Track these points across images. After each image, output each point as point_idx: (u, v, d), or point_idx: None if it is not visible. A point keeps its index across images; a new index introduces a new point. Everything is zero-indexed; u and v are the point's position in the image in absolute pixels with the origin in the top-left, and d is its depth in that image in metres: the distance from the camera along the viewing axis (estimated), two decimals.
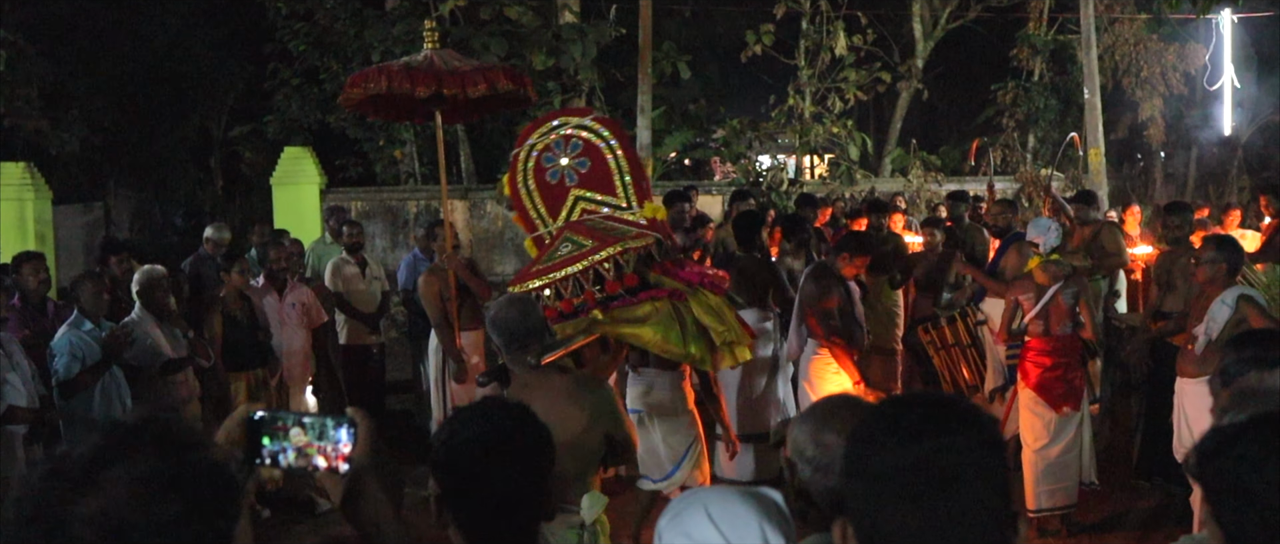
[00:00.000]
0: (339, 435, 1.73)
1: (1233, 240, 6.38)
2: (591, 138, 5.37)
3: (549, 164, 5.45)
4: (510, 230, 16.16)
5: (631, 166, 5.38)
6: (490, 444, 2.19)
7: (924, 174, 16.79)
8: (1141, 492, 7.17)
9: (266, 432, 1.72)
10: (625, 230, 5.21)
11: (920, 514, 1.45)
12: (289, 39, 17.13)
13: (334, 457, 1.73)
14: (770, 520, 2.05)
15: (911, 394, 1.56)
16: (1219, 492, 1.47)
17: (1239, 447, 1.45)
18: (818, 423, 2.26)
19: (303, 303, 7.99)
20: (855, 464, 1.53)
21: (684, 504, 2.10)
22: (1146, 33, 19.60)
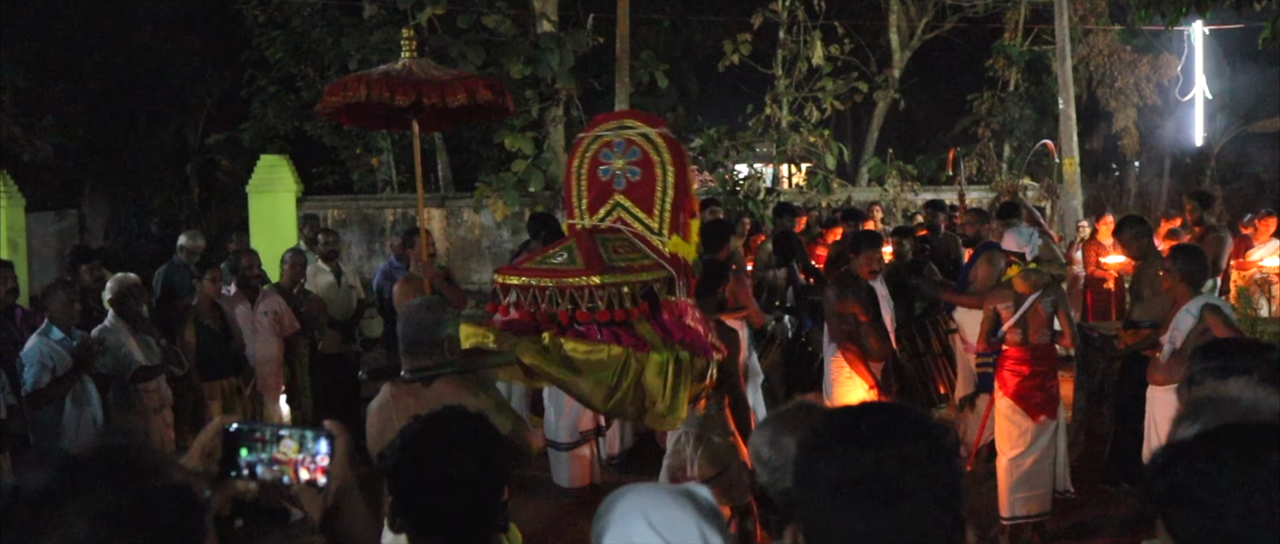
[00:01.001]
0: (318, 448, 1.72)
1: (1198, 249, 6.44)
2: (650, 152, 5.18)
3: (605, 160, 5.27)
4: (487, 239, 16.15)
5: (676, 194, 5.16)
6: (443, 452, 2.20)
7: (900, 183, 16.87)
8: (1113, 499, 7.21)
9: (244, 443, 1.70)
10: (636, 260, 5.04)
11: (868, 521, 1.46)
12: (266, 47, 17.07)
13: (313, 469, 1.72)
14: (706, 519, 2.06)
15: (864, 403, 1.58)
16: (1172, 503, 1.49)
17: (1190, 459, 1.47)
18: (776, 428, 2.28)
19: (275, 311, 7.95)
20: (806, 471, 1.54)
21: (620, 510, 2.08)
22: (1120, 44, 19.77)
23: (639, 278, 4.89)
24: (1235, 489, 1.41)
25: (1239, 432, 1.48)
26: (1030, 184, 17.22)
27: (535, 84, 15.84)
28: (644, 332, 4.80)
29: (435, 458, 2.20)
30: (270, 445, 1.71)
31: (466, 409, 2.33)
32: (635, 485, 2.18)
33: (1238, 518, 1.40)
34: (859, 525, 1.46)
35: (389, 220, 16.04)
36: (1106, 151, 22.33)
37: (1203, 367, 2.65)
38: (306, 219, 12.33)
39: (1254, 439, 1.45)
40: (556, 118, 16.62)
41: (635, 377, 4.69)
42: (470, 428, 2.27)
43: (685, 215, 5.23)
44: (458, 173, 18.17)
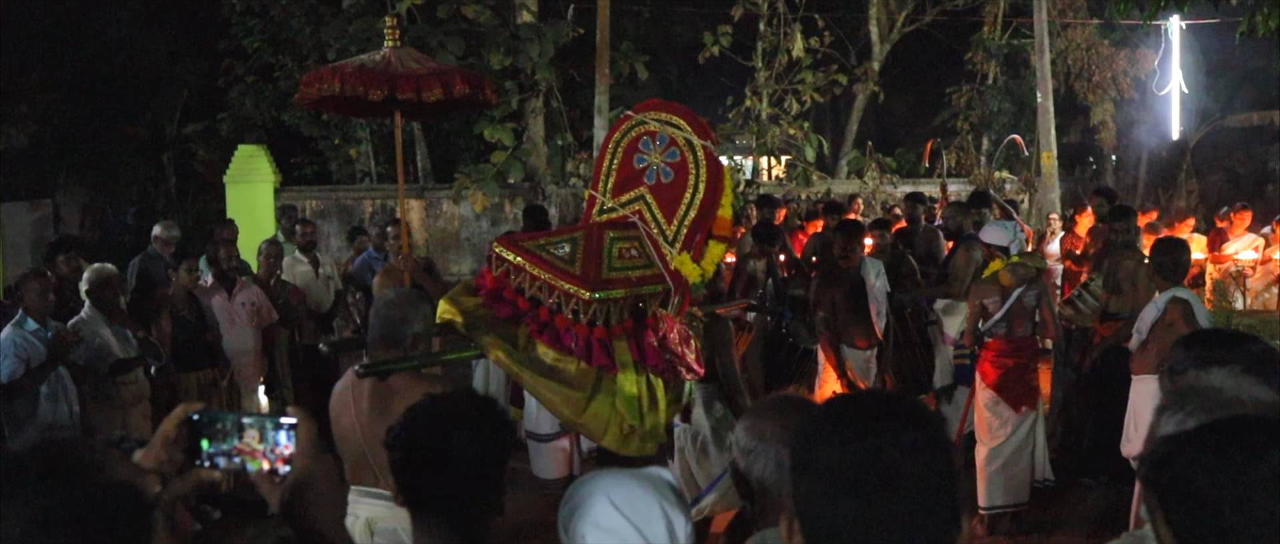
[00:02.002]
0: (278, 437, 1.70)
1: (1176, 243, 6.48)
2: (689, 160, 5.03)
3: (644, 149, 5.13)
4: (466, 230, 16.11)
5: (700, 213, 5.00)
6: (445, 431, 2.22)
7: (880, 176, 16.93)
8: (1090, 490, 7.26)
9: (206, 433, 1.68)
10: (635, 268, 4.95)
11: (864, 510, 1.46)
12: (244, 36, 16.98)
13: (274, 459, 1.71)
14: (668, 500, 2.12)
15: (860, 392, 1.58)
16: (1171, 495, 1.49)
17: (1191, 451, 1.47)
18: (756, 415, 2.30)
19: (252, 302, 7.90)
20: (802, 459, 1.54)
21: (584, 494, 2.14)
22: (1098, 38, 19.88)
23: (632, 292, 4.81)
24: (1236, 485, 1.41)
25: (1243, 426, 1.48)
26: (1008, 177, 17.31)
27: (515, 75, 15.81)
28: (619, 350, 4.71)
29: (438, 436, 2.22)
30: (232, 435, 1.69)
31: (474, 391, 2.37)
32: (599, 470, 2.22)
33: (1236, 513, 1.40)
34: (856, 514, 1.46)
35: (368, 211, 15.99)
36: (1084, 145, 22.45)
37: (1184, 357, 2.65)
38: (284, 210, 12.27)
39: (1257, 435, 1.45)
40: (536, 109, 16.59)
41: (610, 397, 4.63)
42: (475, 409, 2.30)
43: (702, 236, 5.08)
44: (437, 164, 18.12)
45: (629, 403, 4.64)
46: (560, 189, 16.00)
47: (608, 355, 4.63)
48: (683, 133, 5.08)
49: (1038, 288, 6.67)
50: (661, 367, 4.78)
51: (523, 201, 15.91)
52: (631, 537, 2.07)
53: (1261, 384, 2.29)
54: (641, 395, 4.67)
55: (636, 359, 4.70)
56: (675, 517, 2.11)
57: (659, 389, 4.77)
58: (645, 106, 5.33)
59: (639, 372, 4.68)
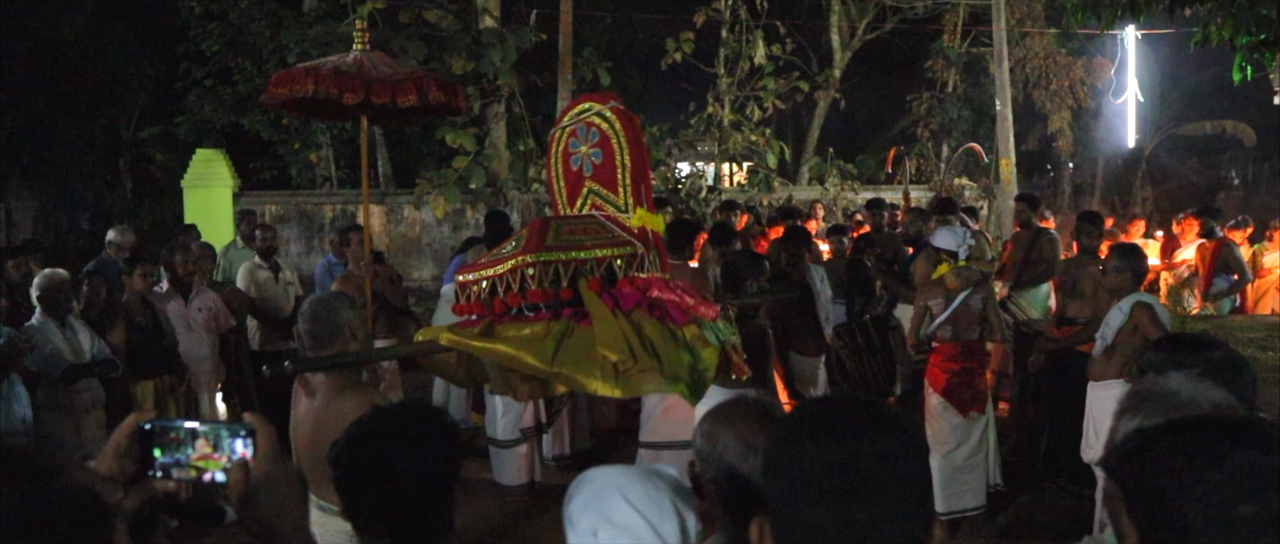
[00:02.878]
0: (235, 444, 1.66)
1: (1138, 249, 6.57)
2: (607, 130, 5.00)
3: (574, 149, 5.12)
4: (427, 235, 16.02)
5: (634, 166, 4.98)
6: (389, 448, 2.16)
7: (841, 182, 17.01)
8: (1048, 493, 7.32)
9: (158, 442, 1.63)
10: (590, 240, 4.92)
11: (839, 515, 1.46)
12: (202, 39, 16.82)
13: (230, 467, 1.67)
14: (681, 497, 2.10)
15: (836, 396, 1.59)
16: (1135, 492, 1.50)
17: (1157, 449, 1.48)
18: (712, 419, 2.30)
19: (209, 308, 7.81)
20: (777, 462, 1.53)
21: (595, 488, 2.10)
22: (1056, 47, 20.12)
23: (587, 255, 4.78)
24: (1198, 485, 1.42)
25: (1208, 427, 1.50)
26: (967, 184, 17.46)
27: (477, 80, 15.76)
28: (590, 301, 4.67)
29: (380, 455, 2.15)
30: (186, 444, 1.64)
31: (421, 402, 2.31)
32: (601, 467, 2.19)
33: (1198, 513, 1.41)
34: (830, 518, 1.46)
35: (328, 216, 15.86)
36: (1042, 152, 22.73)
37: (1151, 361, 2.70)
38: (243, 214, 12.14)
39: (1222, 436, 1.47)
40: (498, 114, 16.55)
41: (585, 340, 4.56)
42: (419, 424, 2.22)
43: (647, 188, 5.07)
44: (398, 168, 18.03)
45: (610, 340, 4.47)
46: (522, 194, 15.96)
47: (574, 309, 4.59)
48: (592, 110, 5.11)
49: (984, 291, 6.72)
50: (649, 308, 4.71)
51: (485, 207, 15.86)
52: (646, 533, 2.04)
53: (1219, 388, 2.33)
54: (626, 333, 4.58)
55: (612, 307, 4.65)
56: (687, 514, 2.09)
57: (651, 329, 4.57)
58: (560, 116, 5.39)
59: (617, 316, 4.62)
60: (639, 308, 4.62)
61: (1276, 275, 11.36)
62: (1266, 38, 6.65)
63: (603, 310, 4.55)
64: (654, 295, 4.71)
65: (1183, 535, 1.43)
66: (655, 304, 4.66)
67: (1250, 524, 1.39)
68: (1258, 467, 1.42)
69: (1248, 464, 1.42)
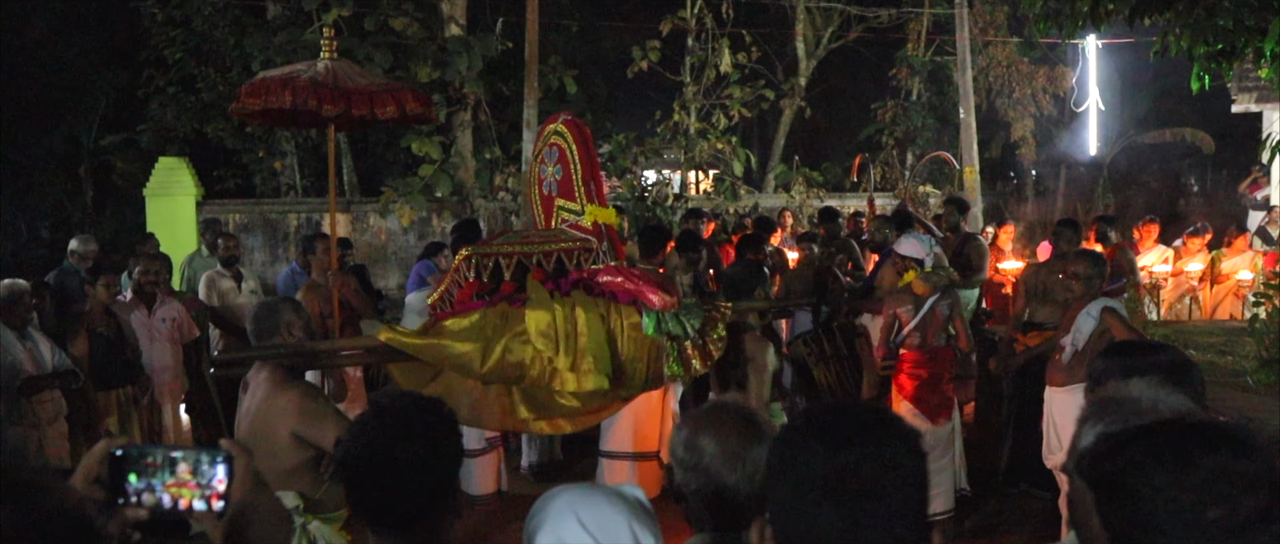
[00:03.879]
0: (214, 472, 1.63)
1: (1101, 256, 6.64)
2: (562, 144, 5.18)
3: (543, 175, 5.32)
4: (393, 244, 15.96)
5: (583, 167, 5.12)
6: (390, 441, 2.16)
7: (806, 190, 17.09)
8: (1011, 498, 7.38)
9: (133, 468, 1.61)
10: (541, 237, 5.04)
11: (843, 518, 1.48)
12: (164, 46, 16.68)
13: (209, 494, 1.64)
14: (638, 519, 2.09)
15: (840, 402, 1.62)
16: (1107, 494, 1.52)
17: (1129, 452, 1.51)
18: (693, 428, 2.30)
19: (173, 318, 7.73)
20: (781, 466, 1.55)
21: (552, 509, 2.10)
22: (1019, 56, 20.32)
23: (532, 249, 4.88)
24: (1169, 487, 1.45)
25: (1178, 431, 1.53)
26: (932, 192, 17.58)
27: (443, 88, 15.71)
28: (531, 287, 4.71)
29: (385, 446, 2.15)
30: (163, 470, 1.62)
31: (419, 396, 2.32)
32: (568, 485, 2.19)
33: (1169, 515, 1.44)
34: (834, 522, 1.48)
35: (293, 225, 15.75)
36: (1005, 160, 22.91)
37: (1105, 367, 2.73)
38: (208, 224, 12.04)
39: (1191, 440, 1.50)
40: (464, 122, 16.51)
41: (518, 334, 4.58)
42: (422, 416, 2.22)
43: (598, 184, 5.20)
44: (363, 177, 17.94)
45: (541, 334, 4.56)
46: (488, 203, 15.92)
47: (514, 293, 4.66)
48: (549, 130, 5.29)
49: (950, 298, 6.77)
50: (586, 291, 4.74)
51: (450, 215, 15.81)
52: None
53: (1177, 392, 2.37)
54: (557, 322, 4.59)
55: (551, 288, 4.71)
56: (643, 536, 2.08)
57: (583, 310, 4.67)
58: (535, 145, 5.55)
59: (555, 298, 4.66)
60: (577, 288, 4.70)
61: (1235, 281, 11.52)
62: (1223, 48, 6.75)
63: (541, 293, 4.64)
64: (601, 278, 4.80)
65: (1154, 537, 1.45)
66: (593, 287, 4.76)
67: (1219, 527, 1.42)
68: (1227, 471, 1.44)
69: (1218, 468, 1.45)
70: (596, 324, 4.65)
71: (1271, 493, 1.44)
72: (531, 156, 5.52)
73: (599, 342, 4.64)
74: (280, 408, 3.89)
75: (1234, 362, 8.02)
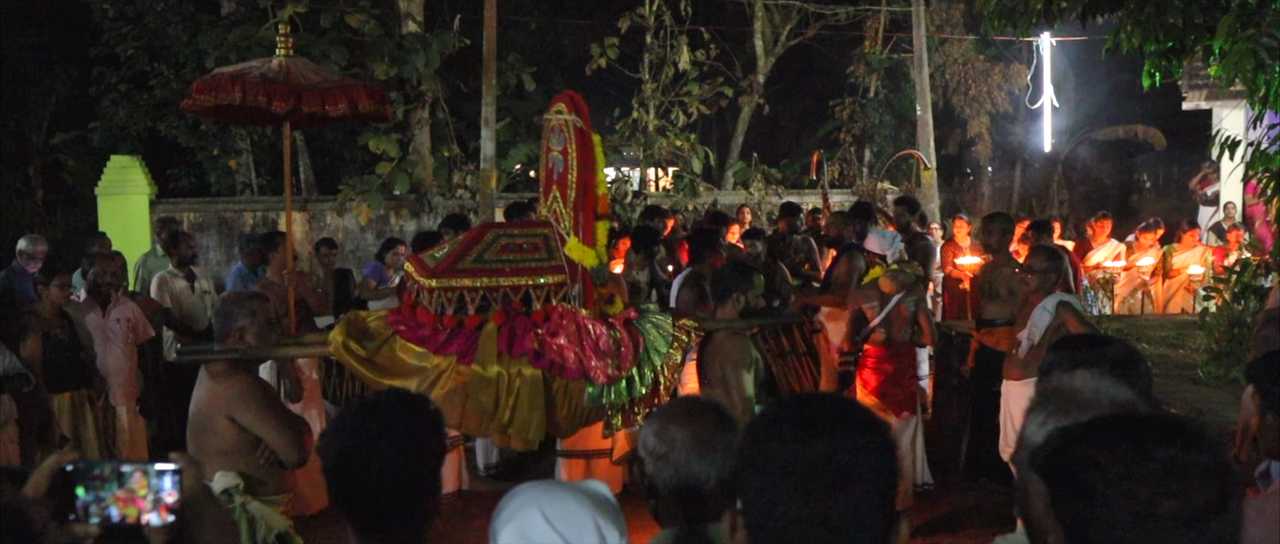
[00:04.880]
0: (162, 484, 1.62)
1: (1058, 251, 6.72)
2: (568, 141, 5.04)
3: (552, 146, 5.20)
4: (351, 242, 15.84)
5: (578, 190, 4.95)
6: (371, 439, 2.15)
7: (765, 187, 17.15)
8: (970, 492, 7.45)
9: (81, 482, 1.59)
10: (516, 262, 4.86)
11: (813, 507, 1.49)
12: (116, 42, 16.44)
13: (159, 507, 1.62)
14: (603, 515, 2.09)
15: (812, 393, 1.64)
16: (1062, 487, 1.54)
17: (1083, 446, 1.53)
18: (664, 419, 2.32)
19: (128, 319, 7.63)
20: (754, 455, 1.56)
21: (517, 505, 2.11)
22: (974, 54, 20.51)
23: (500, 282, 4.77)
24: (1122, 481, 1.47)
25: (1131, 424, 1.54)
26: (890, 188, 17.71)
27: (400, 85, 15.61)
28: (484, 338, 4.66)
29: (366, 444, 2.15)
30: (111, 483, 1.60)
31: (403, 392, 2.32)
32: (533, 482, 2.19)
33: (1123, 508, 1.46)
34: (806, 512, 1.49)
35: (248, 224, 15.59)
36: (962, 157, 23.13)
37: (1054, 360, 2.77)
38: (164, 223, 11.88)
39: (1146, 433, 1.51)
40: (422, 120, 16.42)
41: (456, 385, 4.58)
42: (403, 412, 2.22)
43: (587, 216, 5.02)
44: (320, 175, 17.79)
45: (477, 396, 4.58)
46: (446, 201, 15.83)
47: (464, 345, 4.61)
48: (563, 115, 5.12)
49: (916, 294, 6.83)
50: (533, 358, 4.71)
51: (408, 213, 15.71)
52: None
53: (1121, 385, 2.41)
54: (500, 386, 4.61)
55: (502, 349, 4.65)
56: (608, 532, 2.09)
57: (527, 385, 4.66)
58: (551, 105, 5.37)
59: (501, 362, 4.64)
60: (526, 356, 4.63)
61: (1186, 275, 11.69)
62: (1173, 45, 6.84)
63: (490, 351, 4.58)
64: (557, 342, 4.70)
65: (1108, 531, 1.47)
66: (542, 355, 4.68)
67: (1173, 519, 1.44)
68: (1180, 463, 1.46)
69: (1171, 461, 1.46)
70: (537, 393, 4.67)
71: (1222, 484, 1.46)
72: (546, 119, 5.32)
73: (537, 409, 4.68)
74: (221, 393, 4.07)
75: (1185, 355, 8.14)
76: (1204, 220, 15.39)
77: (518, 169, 17.81)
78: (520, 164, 17.54)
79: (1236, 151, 6.60)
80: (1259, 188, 6.90)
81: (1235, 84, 6.17)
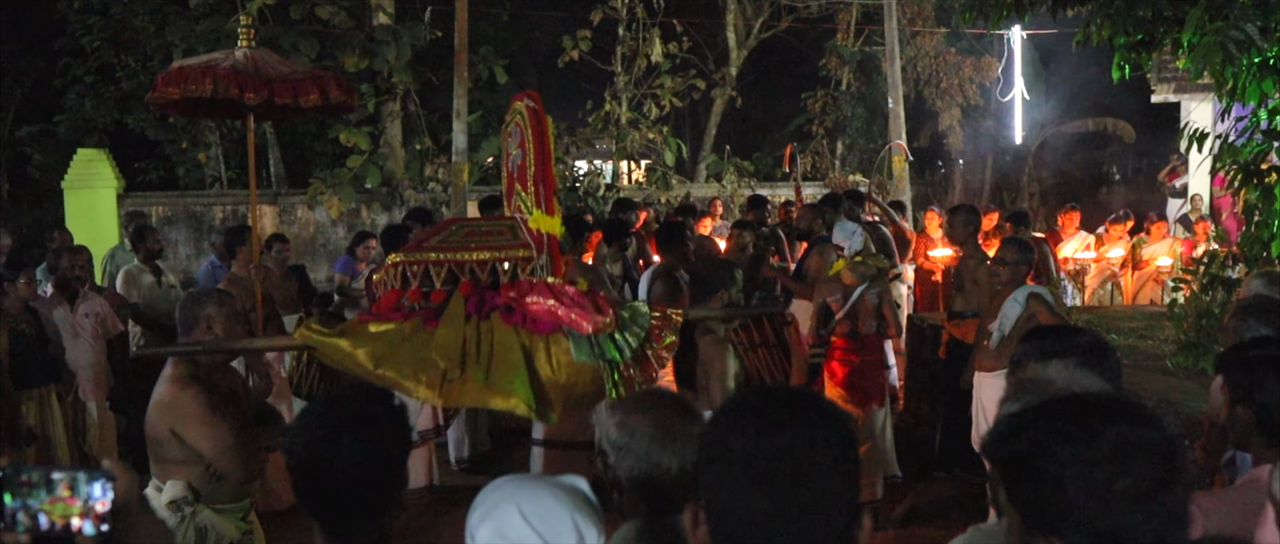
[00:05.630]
0: (92, 490, 1.58)
1: (1028, 243, 6.76)
2: (523, 127, 4.96)
3: (510, 150, 5.16)
4: (322, 236, 15.74)
5: (536, 163, 4.88)
6: (335, 435, 2.13)
7: (738, 179, 17.17)
8: (942, 483, 7.49)
9: (8, 488, 1.55)
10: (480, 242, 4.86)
11: (775, 501, 1.48)
12: (82, 34, 16.27)
13: (90, 515, 1.59)
14: (581, 511, 2.08)
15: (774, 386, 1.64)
16: (1015, 472, 1.54)
17: (1033, 430, 1.53)
18: (625, 410, 2.31)
19: (96, 313, 7.54)
20: (714, 448, 1.55)
21: (495, 502, 2.08)
22: (945, 47, 20.59)
23: (467, 256, 4.74)
24: (1075, 462, 1.48)
25: (1080, 405, 1.55)
26: (861, 180, 17.77)
27: (371, 78, 15.52)
28: (452, 306, 4.59)
29: (330, 440, 2.13)
30: (40, 489, 1.56)
31: (367, 386, 2.30)
32: (511, 476, 2.16)
33: (1076, 489, 1.47)
34: (766, 505, 1.48)
35: (218, 217, 15.46)
36: (933, 149, 23.23)
37: (1025, 351, 2.79)
38: (129, 217, 11.76)
39: (1095, 415, 1.52)
40: (393, 112, 16.32)
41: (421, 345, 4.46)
42: (368, 406, 2.20)
43: (547, 187, 4.94)
44: (291, 168, 17.66)
45: (444, 348, 4.43)
46: (418, 194, 15.76)
47: (429, 312, 4.56)
48: (516, 108, 5.10)
49: (880, 286, 6.85)
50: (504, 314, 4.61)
51: (380, 207, 15.62)
52: None
53: (1093, 374, 2.43)
54: (466, 339, 4.49)
55: (471, 311, 4.58)
56: (586, 529, 2.07)
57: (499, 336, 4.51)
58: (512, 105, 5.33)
59: (469, 322, 4.55)
60: (496, 312, 4.54)
61: (1155, 267, 11.80)
62: (1143, 38, 6.88)
63: (457, 313, 4.51)
64: (528, 300, 4.61)
65: (1062, 513, 1.48)
66: (513, 310, 4.57)
67: (1125, 496, 1.45)
68: (1130, 441, 1.48)
69: (1121, 439, 1.48)
70: (512, 344, 4.50)
71: (1172, 460, 1.48)
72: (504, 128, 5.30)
73: (515, 367, 4.47)
74: (168, 404, 3.99)
75: (1154, 345, 8.20)
76: (1172, 212, 15.53)
77: (490, 162, 17.76)
78: (493, 157, 17.49)
79: (1204, 144, 6.65)
80: (1226, 180, 6.96)
81: (1203, 77, 6.21)
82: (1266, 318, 3.77)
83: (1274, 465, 2.31)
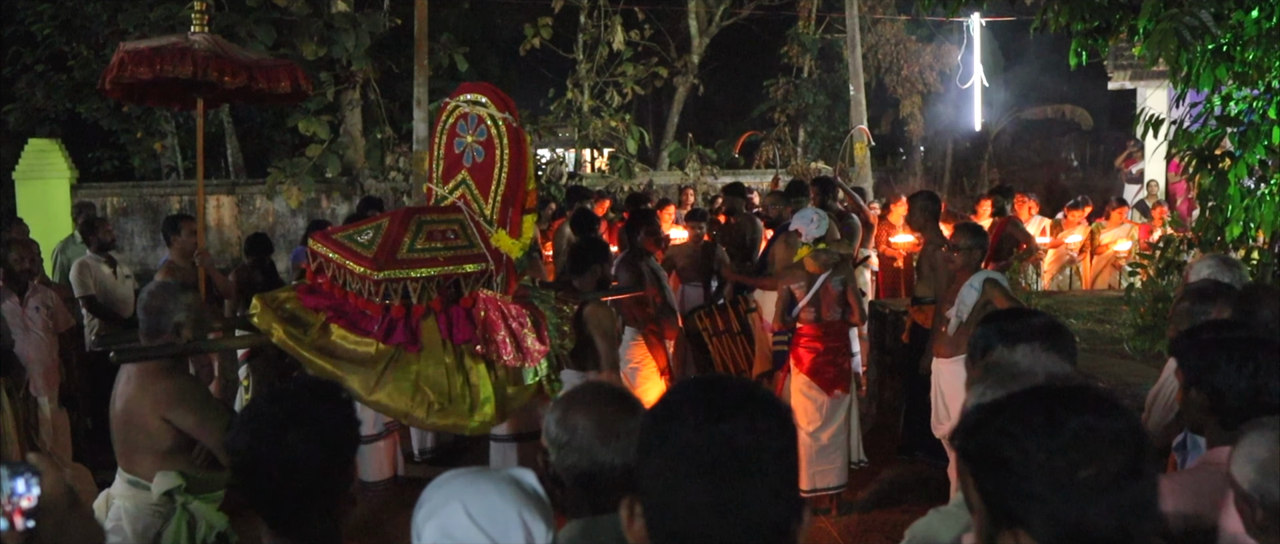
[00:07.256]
0: (15, 486, 1.53)
1: (982, 229, 6.79)
2: (494, 135, 5.02)
3: (461, 132, 5.15)
4: (281, 226, 15.59)
5: (508, 187, 5.00)
6: (279, 431, 2.10)
7: (701, 167, 17.18)
8: (907, 466, 7.53)
9: None
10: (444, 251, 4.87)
11: (715, 492, 1.46)
12: (32, 21, 15.99)
13: (11, 511, 1.53)
14: (528, 506, 2.02)
15: (713, 376, 1.62)
16: (980, 463, 1.54)
17: (998, 421, 1.53)
18: (566, 407, 2.27)
19: (47, 306, 7.40)
20: (654, 440, 1.53)
21: (439, 500, 2.02)
22: (906, 34, 20.70)
23: (435, 271, 4.75)
24: (1039, 452, 1.47)
25: (1045, 396, 1.55)
26: (824, 167, 17.83)
27: (330, 66, 15.37)
28: (426, 328, 4.67)
29: (275, 436, 2.10)
30: None
31: (314, 379, 2.27)
32: (456, 472, 2.09)
33: (1041, 479, 1.46)
34: (705, 497, 1.46)
35: (175, 208, 15.26)
36: (894, 136, 23.36)
37: (985, 335, 2.80)
38: (79, 208, 11.58)
39: (1058, 405, 1.52)
40: (352, 101, 16.19)
41: (408, 373, 4.56)
42: (314, 401, 2.16)
43: (515, 211, 5.07)
44: (249, 158, 17.48)
45: (432, 380, 4.58)
46: (379, 183, 15.64)
47: (409, 334, 4.60)
48: (487, 108, 5.10)
49: (843, 273, 6.88)
50: (476, 343, 4.74)
51: (340, 196, 15.49)
52: None
53: (1056, 358, 2.44)
54: (449, 373, 4.61)
55: (445, 337, 4.66)
56: (534, 524, 2.01)
57: (476, 371, 4.71)
58: (459, 91, 5.33)
59: (446, 350, 4.63)
60: (468, 346, 4.67)
61: (1113, 252, 11.91)
62: (1099, 25, 6.92)
63: (435, 338, 4.57)
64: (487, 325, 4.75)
65: (1027, 503, 1.47)
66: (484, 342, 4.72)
67: (1090, 486, 1.45)
68: (1094, 430, 1.48)
69: (1085, 429, 1.47)
70: (485, 381, 4.72)
71: (1137, 449, 1.48)
72: (450, 103, 5.27)
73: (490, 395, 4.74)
74: (155, 394, 3.91)
75: (1112, 329, 8.28)
76: (1130, 198, 15.70)
77: None
78: None
79: (1160, 130, 6.70)
80: (1181, 166, 7.02)
81: (1159, 63, 6.25)
82: (1216, 302, 3.82)
83: (1232, 447, 2.32)
